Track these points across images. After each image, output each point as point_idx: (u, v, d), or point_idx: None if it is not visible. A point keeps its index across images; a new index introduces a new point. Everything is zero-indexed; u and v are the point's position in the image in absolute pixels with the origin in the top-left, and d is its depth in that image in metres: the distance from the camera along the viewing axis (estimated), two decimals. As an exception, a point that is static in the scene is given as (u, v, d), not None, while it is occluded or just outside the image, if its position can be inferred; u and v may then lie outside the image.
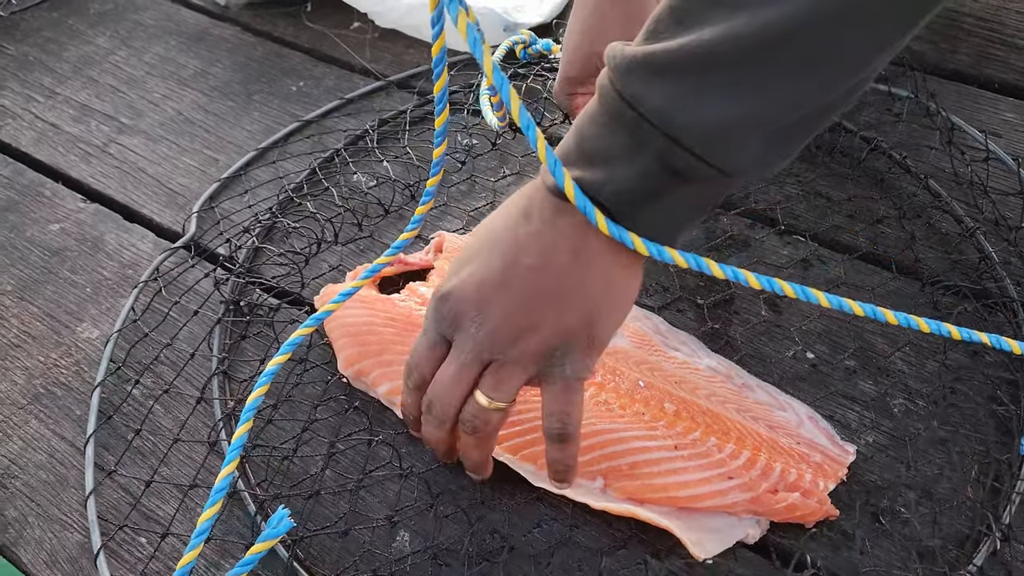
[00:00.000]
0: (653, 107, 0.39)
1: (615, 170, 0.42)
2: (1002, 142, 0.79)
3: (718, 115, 0.39)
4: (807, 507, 0.53)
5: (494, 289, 0.46)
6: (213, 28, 1.02)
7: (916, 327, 0.52)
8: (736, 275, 0.46)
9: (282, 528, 0.47)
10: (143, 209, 0.80)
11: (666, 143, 0.39)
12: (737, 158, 0.40)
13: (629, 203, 0.42)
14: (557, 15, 0.95)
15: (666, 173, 0.41)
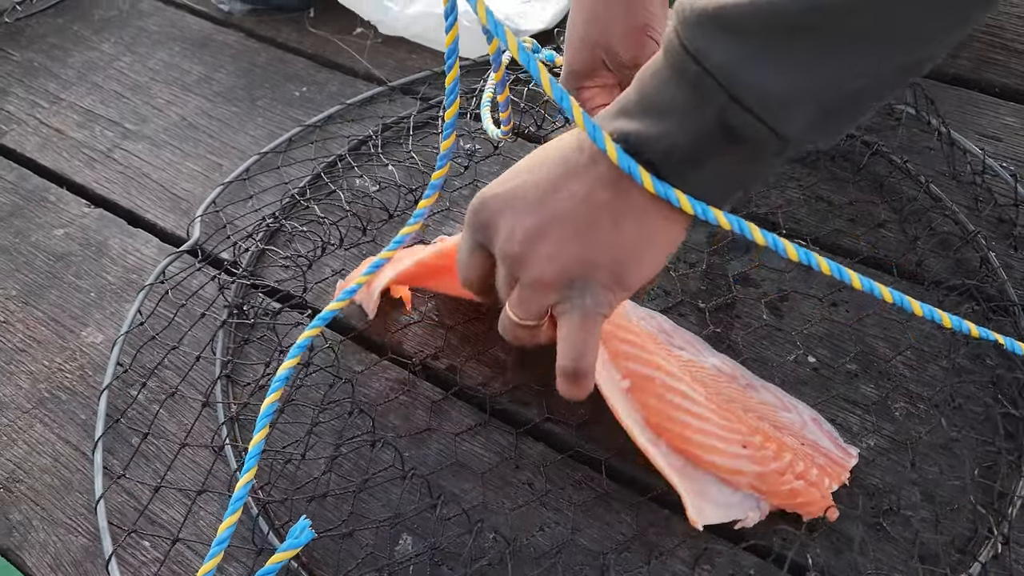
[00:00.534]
0: (718, 63, 0.39)
1: (672, 124, 0.42)
2: (1002, 146, 0.79)
3: (781, 78, 0.39)
4: (810, 495, 0.53)
5: (527, 207, 0.46)
6: (217, 34, 1.02)
7: (939, 320, 0.51)
8: (776, 243, 0.46)
9: (304, 538, 0.47)
10: (147, 214, 0.80)
11: (727, 101, 0.40)
12: (794, 123, 0.40)
13: (682, 160, 0.42)
14: (559, 21, 0.96)
15: (723, 132, 0.41)
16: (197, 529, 0.57)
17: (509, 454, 0.59)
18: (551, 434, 0.61)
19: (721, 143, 0.41)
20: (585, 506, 0.56)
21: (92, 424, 0.63)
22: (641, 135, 0.42)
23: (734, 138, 0.41)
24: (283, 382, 0.56)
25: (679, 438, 0.54)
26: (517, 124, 0.84)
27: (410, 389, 0.63)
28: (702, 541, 0.54)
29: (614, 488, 0.57)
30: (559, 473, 0.58)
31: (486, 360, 0.65)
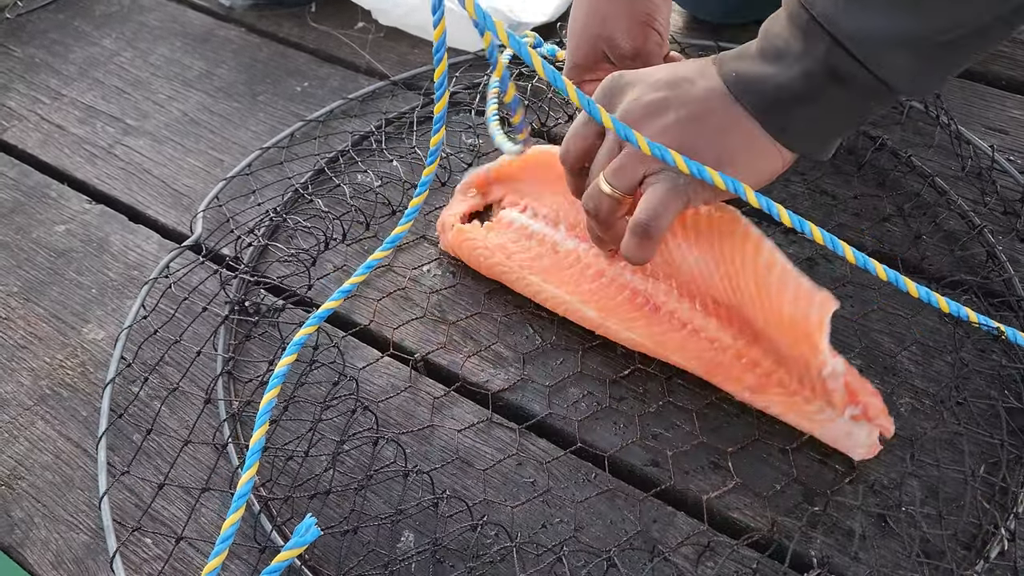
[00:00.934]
0: (822, 11, 0.44)
1: (782, 66, 0.47)
2: (1009, 139, 0.78)
3: (878, 24, 0.43)
4: (874, 398, 0.55)
5: (657, 84, 0.52)
6: (218, 29, 1.02)
7: (936, 304, 0.52)
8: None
9: (309, 536, 0.47)
10: (148, 210, 0.80)
11: (831, 45, 0.44)
12: (891, 68, 0.44)
13: (790, 98, 0.47)
14: (561, 14, 0.95)
15: (827, 74, 0.45)
16: (198, 526, 0.57)
17: (512, 451, 0.59)
18: (554, 430, 0.60)
19: (827, 84, 0.46)
20: (588, 503, 0.56)
21: (93, 421, 0.63)
22: (751, 73, 0.48)
23: (838, 80, 0.45)
24: (281, 379, 0.56)
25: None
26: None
27: (412, 385, 0.63)
28: (704, 537, 0.54)
29: (617, 485, 0.57)
30: (562, 470, 0.58)
31: (488, 356, 0.64)
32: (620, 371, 0.62)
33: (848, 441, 0.55)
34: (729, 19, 0.91)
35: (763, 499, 0.55)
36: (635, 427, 0.59)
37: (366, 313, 0.68)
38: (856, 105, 0.48)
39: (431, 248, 0.72)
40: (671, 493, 0.56)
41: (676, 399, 0.61)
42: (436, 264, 0.71)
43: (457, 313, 0.67)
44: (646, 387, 0.62)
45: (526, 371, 0.63)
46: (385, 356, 0.65)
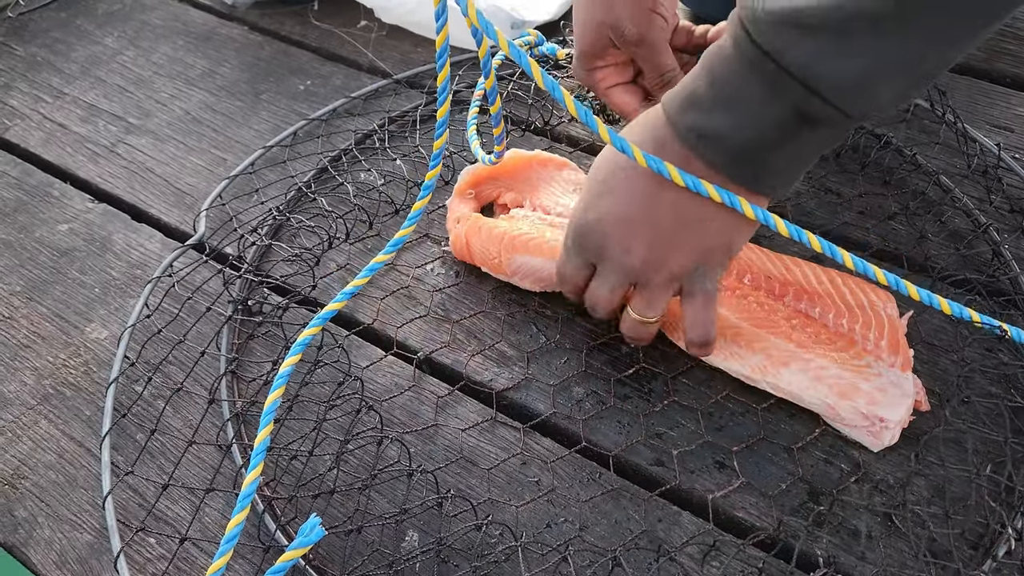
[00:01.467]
0: (794, 61, 0.42)
1: (746, 117, 0.45)
2: (1014, 137, 0.78)
3: (856, 69, 0.41)
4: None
5: (638, 223, 0.51)
6: (220, 28, 1.02)
7: (938, 307, 0.52)
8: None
9: (314, 536, 0.47)
10: (151, 209, 0.80)
11: (805, 94, 0.42)
12: (869, 105, 0.43)
13: (760, 147, 0.46)
14: (564, 13, 0.95)
15: (799, 120, 0.44)
16: (202, 525, 0.57)
17: (516, 450, 0.59)
18: (558, 429, 0.60)
19: (798, 129, 0.45)
20: (593, 502, 0.56)
21: (97, 420, 0.63)
22: (718, 130, 0.46)
23: (812, 124, 0.44)
24: (285, 379, 0.56)
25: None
26: (525, 119, 0.83)
27: (416, 384, 0.63)
28: (710, 536, 0.54)
29: (622, 484, 0.57)
30: (566, 469, 0.58)
31: (492, 355, 0.64)
32: (624, 370, 0.62)
33: (893, 392, 0.55)
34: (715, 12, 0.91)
35: (768, 498, 0.55)
36: (640, 426, 0.59)
37: (369, 312, 0.68)
38: (826, 140, 0.47)
39: (434, 247, 0.72)
40: (676, 492, 0.56)
41: (681, 398, 0.60)
42: (440, 263, 0.71)
43: (461, 312, 0.67)
44: (651, 386, 0.62)
45: (530, 370, 0.63)
46: (389, 355, 0.65)
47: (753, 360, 0.59)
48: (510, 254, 0.66)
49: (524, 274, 0.66)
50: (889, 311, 0.60)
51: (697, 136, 0.47)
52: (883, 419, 0.55)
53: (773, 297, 0.62)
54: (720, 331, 0.59)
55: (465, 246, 0.68)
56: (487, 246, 0.67)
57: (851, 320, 0.60)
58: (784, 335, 0.59)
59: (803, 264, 0.63)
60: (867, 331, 0.59)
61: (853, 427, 0.56)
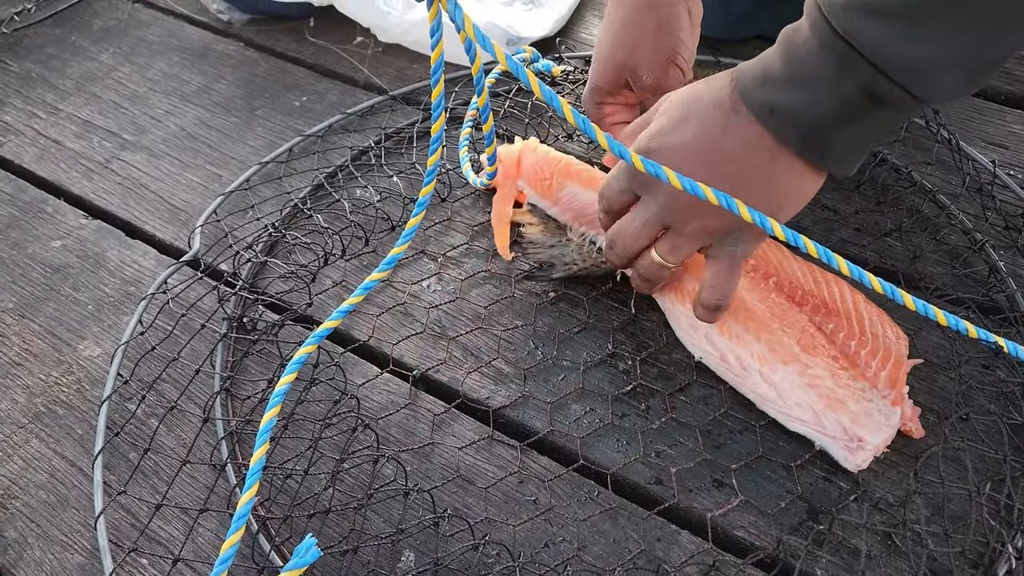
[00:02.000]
0: (865, 42, 0.44)
1: (819, 93, 0.47)
2: (1009, 154, 0.78)
3: (924, 51, 0.43)
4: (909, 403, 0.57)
5: (696, 167, 0.51)
6: (216, 44, 1.02)
7: (934, 317, 0.52)
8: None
9: (310, 557, 0.46)
10: (145, 225, 0.79)
11: (873, 73, 0.44)
12: (934, 89, 0.45)
13: (829, 124, 0.48)
14: (560, 29, 0.95)
15: (865, 99, 0.46)
16: (195, 546, 0.56)
17: (513, 468, 0.58)
18: (555, 447, 0.60)
19: (865, 109, 0.46)
20: (590, 521, 0.55)
21: (89, 439, 0.62)
22: (787, 105, 0.48)
23: (878, 104, 0.46)
24: (281, 398, 0.56)
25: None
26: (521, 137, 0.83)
27: (412, 402, 0.63)
28: (709, 556, 0.53)
29: (620, 503, 0.56)
30: (564, 487, 0.57)
31: (489, 372, 0.64)
32: (622, 387, 0.62)
33: (878, 418, 0.55)
34: (729, 35, 0.92)
35: (767, 517, 0.55)
36: (638, 444, 0.59)
37: (365, 329, 0.68)
38: (892, 121, 0.49)
39: (430, 263, 0.72)
40: (675, 511, 0.56)
41: (679, 415, 0.60)
42: (436, 279, 0.71)
43: (457, 328, 0.67)
44: (648, 403, 0.61)
45: (527, 387, 0.63)
46: (384, 372, 0.64)
47: (755, 347, 0.59)
48: (563, 179, 0.66)
49: (568, 204, 0.66)
50: (900, 348, 0.60)
51: (770, 110, 0.49)
52: (862, 439, 0.55)
53: (793, 302, 0.62)
54: (733, 310, 0.60)
55: (515, 163, 0.68)
56: (542, 165, 0.67)
57: (859, 344, 0.59)
58: (793, 336, 0.59)
59: (832, 280, 0.63)
60: (871, 359, 0.59)
61: (832, 438, 0.56)
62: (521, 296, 0.69)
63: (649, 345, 0.64)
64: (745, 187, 0.51)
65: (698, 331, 0.61)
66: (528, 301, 0.68)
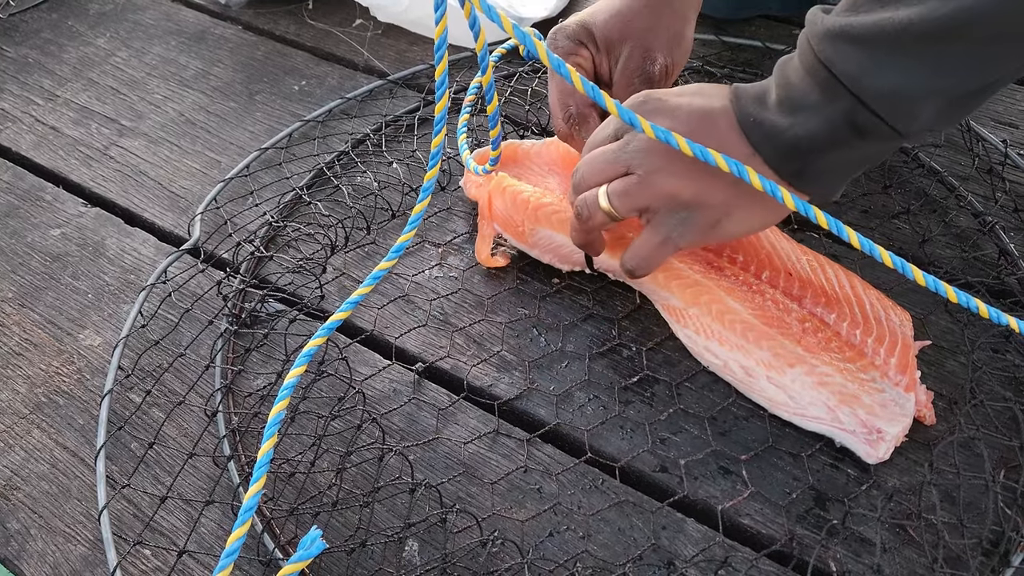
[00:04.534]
0: (844, 70, 0.45)
1: (804, 117, 0.47)
2: (1019, 133, 0.77)
3: (901, 83, 0.44)
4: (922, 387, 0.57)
5: (684, 125, 0.51)
6: (214, 27, 1.00)
7: (944, 294, 0.51)
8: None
9: (315, 549, 0.46)
10: (144, 213, 0.78)
11: (853, 102, 0.45)
12: (912, 121, 0.45)
13: (808, 149, 0.48)
14: (562, 9, 0.94)
15: (847, 127, 0.47)
16: (198, 537, 0.55)
17: (519, 459, 0.58)
18: (561, 436, 0.59)
19: (847, 136, 0.47)
20: (597, 511, 0.55)
21: (90, 429, 0.62)
22: (769, 123, 0.49)
23: (859, 133, 0.47)
24: (290, 390, 0.55)
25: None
26: (522, 121, 0.82)
27: (416, 394, 0.62)
28: (721, 549, 0.52)
29: (627, 492, 0.56)
30: (569, 476, 0.57)
31: (494, 362, 0.63)
32: (628, 376, 0.61)
33: (893, 408, 0.55)
34: (734, 15, 0.90)
35: (777, 506, 0.54)
36: (644, 433, 0.58)
37: (369, 319, 0.67)
38: (871, 152, 0.50)
39: (433, 252, 0.71)
40: (681, 501, 0.55)
41: (686, 404, 0.59)
42: (439, 269, 0.70)
43: (461, 319, 0.66)
44: (653, 390, 0.61)
45: (532, 377, 0.62)
46: (389, 364, 0.64)
47: (759, 355, 0.58)
48: (534, 225, 0.65)
49: (545, 248, 0.66)
50: (905, 330, 0.59)
51: (754, 122, 0.49)
52: (880, 431, 0.54)
53: (790, 297, 0.61)
54: (730, 324, 0.59)
55: (487, 205, 0.67)
56: (511, 212, 0.66)
57: (865, 332, 0.59)
58: (794, 338, 0.58)
59: (827, 265, 0.62)
60: (879, 346, 0.58)
61: (850, 433, 0.55)
62: (524, 285, 0.68)
63: (655, 333, 0.64)
64: (717, 172, 0.50)
65: (697, 344, 0.60)
66: (531, 289, 0.67)
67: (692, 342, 0.61)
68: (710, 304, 0.60)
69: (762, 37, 0.87)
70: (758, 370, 0.58)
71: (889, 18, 0.43)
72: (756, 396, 0.58)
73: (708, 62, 0.85)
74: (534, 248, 0.67)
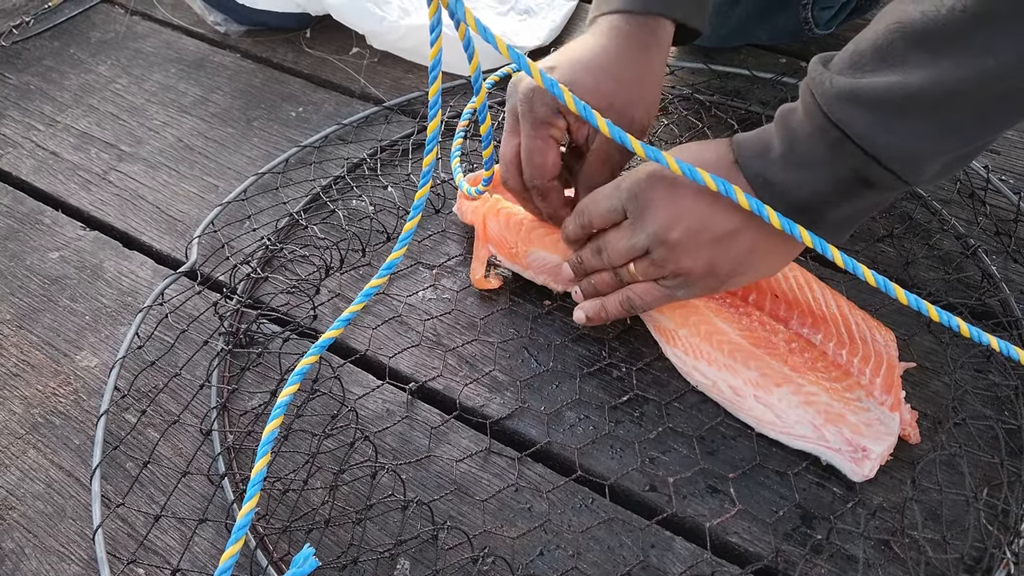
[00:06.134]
0: (858, 132, 0.46)
1: (811, 173, 0.49)
2: (1001, 159, 0.79)
3: (913, 144, 0.45)
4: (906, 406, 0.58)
5: (690, 211, 0.53)
6: (213, 55, 1.02)
7: (926, 313, 0.52)
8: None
9: (308, 567, 0.46)
10: (142, 236, 0.79)
11: (864, 159, 0.46)
12: (923, 174, 0.47)
13: (822, 202, 0.50)
14: (554, 39, 0.96)
15: (858, 181, 0.48)
16: (192, 556, 0.56)
17: (510, 478, 0.58)
18: (551, 455, 0.60)
19: (857, 189, 0.49)
20: (588, 531, 0.55)
21: (86, 449, 0.63)
22: (780, 180, 0.50)
23: (869, 185, 0.48)
24: (283, 408, 0.56)
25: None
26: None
27: (409, 413, 0.63)
28: (708, 566, 0.53)
29: (616, 511, 0.56)
30: (559, 495, 0.57)
31: (486, 382, 0.64)
32: (618, 396, 0.62)
33: (878, 427, 0.56)
34: (722, 44, 0.92)
35: (764, 524, 0.55)
36: (634, 452, 0.59)
37: (362, 340, 0.68)
38: (880, 199, 0.51)
39: (426, 273, 0.72)
40: (671, 520, 0.56)
41: (674, 423, 0.60)
42: (432, 290, 0.71)
43: (453, 339, 0.67)
44: (643, 411, 0.61)
45: (523, 397, 0.63)
46: (382, 384, 0.64)
47: (747, 374, 0.59)
48: (527, 247, 0.66)
49: (540, 268, 0.67)
50: (890, 351, 0.60)
51: (763, 182, 0.51)
52: (866, 449, 0.55)
53: (777, 319, 0.62)
54: (718, 345, 0.60)
55: (482, 227, 0.69)
56: (505, 234, 0.67)
57: (851, 352, 0.60)
58: (781, 358, 0.59)
59: (815, 284, 0.63)
60: (864, 365, 0.59)
61: (836, 451, 0.56)
62: (516, 306, 0.69)
63: (644, 354, 0.65)
64: (727, 243, 0.53)
65: (686, 364, 0.61)
66: (523, 310, 0.68)
67: (681, 362, 0.62)
68: (699, 325, 0.61)
69: (750, 65, 0.89)
70: (746, 389, 0.58)
71: (901, 83, 0.44)
72: (744, 415, 0.59)
73: (697, 89, 0.87)
74: (528, 269, 0.68)
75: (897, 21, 0.44)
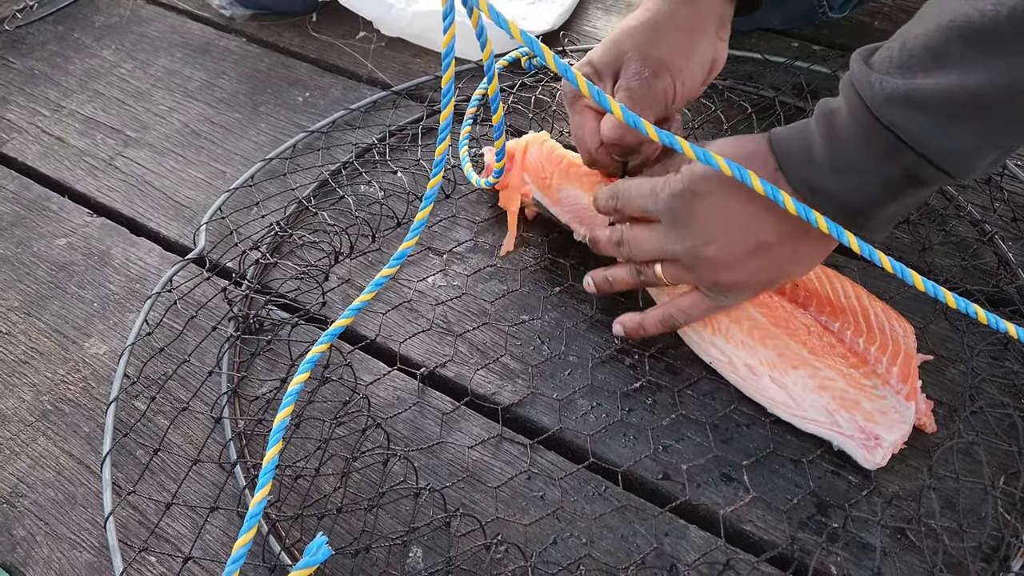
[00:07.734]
0: (913, 135, 0.45)
1: (863, 178, 0.49)
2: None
3: (969, 144, 0.45)
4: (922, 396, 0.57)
5: (733, 226, 0.53)
6: (219, 39, 1.01)
7: (943, 299, 0.52)
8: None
9: (321, 556, 0.46)
10: (150, 222, 0.79)
11: (916, 160, 0.46)
12: (974, 171, 0.47)
13: (871, 204, 0.50)
14: (563, 23, 0.95)
15: (908, 181, 0.48)
16: (203, 543, 0.56)
17: (522, 465, 0.58)
18: (564, 443, 0.59)
19: (906, 188, 0.48)
20: (601, 519, 0.55)
21: (95, 436, 0.62)
22: (829, 188, 0.50)
23: (919, 184, 0.48)
24: (295, 396, 0.55)
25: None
26: (525, 128, 0.83)
27: (420, 400, 0.62)
28: (722, 553, 0.53)
29: (629, 498, 0.56)
30: (572, 483, 0.57)
31: (496, 368, 0.64)
32: (630, 383, 0.62)
33: (893, 415, 0.55)
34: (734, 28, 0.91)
35: (778, 512, 0.54)
36: (647, 440, 0.59)
37: (372, 326, 0.67)
38: (925, 194, 0.51)
39: (436, 259, 0.72)
40: (685, 508, 0.55)
41: (688, 411, 0.60)
42: (441, 275, 0.70)
43: (463, 325, 0.67)
44: (656, 398, 0.61)
45: (535, 384, 0.62)
46: (392, 370, 0.64)
47: (764, 354, 0.58)
48: (562, 181, 0.66)
49: (569, 207, 0.67)
50: (908, 341, 0.59)
51: (810, 189, 0.50)
52: (879, 437, 0.54)
53: (797, 304, 0.62)
54: (736, 320, 0.60)
55: (522, 151, 0.68)
56: (543, 163, 0.67)
57: (868, 341, 0.59)
58: (800, 340, 0.59)
59: (833, 276, 0.63)
60: (881, 354, 0.58)
61: (848, 438, 0.55)
62: (527, 291, 0.68)
63: (656, 340, 0.64)
64: (765, 251, 0.53)
65: (704, 339, 0.61)
66: (534, 296, 0.68)
67: (699, 337, 0.61)
68: None
69: (762, 50, 0.88)
70: (762, 369, 0.58)
71: (960, 85, 0.43)
72: (757, 395, 0.59)
73: (708, 74, 0.86)
74: (556, 205, 0.67)
75: (951, 19, 0.43)
